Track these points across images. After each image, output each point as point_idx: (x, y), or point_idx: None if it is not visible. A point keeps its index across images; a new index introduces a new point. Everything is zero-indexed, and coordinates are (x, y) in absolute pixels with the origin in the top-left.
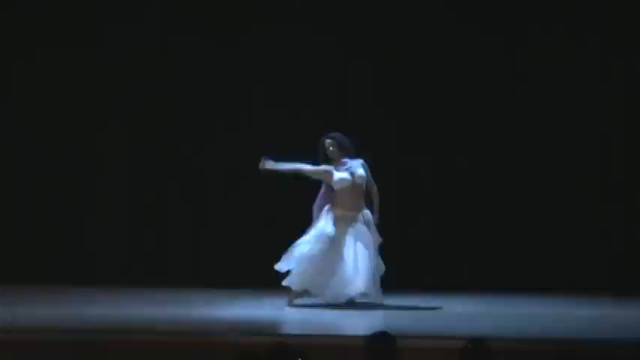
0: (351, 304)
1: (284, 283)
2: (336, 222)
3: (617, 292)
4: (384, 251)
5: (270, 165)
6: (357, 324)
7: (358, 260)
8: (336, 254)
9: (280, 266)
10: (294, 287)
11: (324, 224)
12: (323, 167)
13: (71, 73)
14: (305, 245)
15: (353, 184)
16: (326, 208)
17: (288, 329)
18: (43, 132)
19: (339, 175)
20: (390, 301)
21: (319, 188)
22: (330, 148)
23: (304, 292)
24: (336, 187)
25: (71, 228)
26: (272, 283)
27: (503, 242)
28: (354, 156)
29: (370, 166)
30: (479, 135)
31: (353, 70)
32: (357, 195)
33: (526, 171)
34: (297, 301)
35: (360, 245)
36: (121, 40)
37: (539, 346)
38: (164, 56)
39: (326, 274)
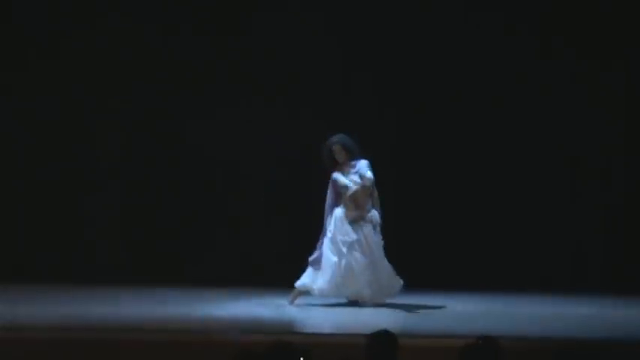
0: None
1: (321, 291)
2: (349, 224)
3: (617, 291)
4: (392, 251)
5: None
6: (359, 322)
7: (376, 264)
8: (357, 260)
9: (322, 288)
10: (316, 290)
11: (343, 231)
12: (333, 181)
13: (70, 69)
14: (330, 254)
15: (362, 186)
16: (337, 211)
17: (290, 328)
18: (43, 129)
19: (348, 179)
20: (393, 299)
21: (326, 187)
22: (338, 153)
23: (306, 291)
24: (344, 191)
25: (71, 226)
26: (273, 281)
27: (503, 242)
28: (359, 157)
29: (373, 166)
30: (479, 135)
31: (353, 68)
32: (364, 196)
33: (526, 171)
34: (299, 299)
35: (374, 248)
36: (120, 31)
37: (539, 344)
38: (165, 51)
39: (359, 278)
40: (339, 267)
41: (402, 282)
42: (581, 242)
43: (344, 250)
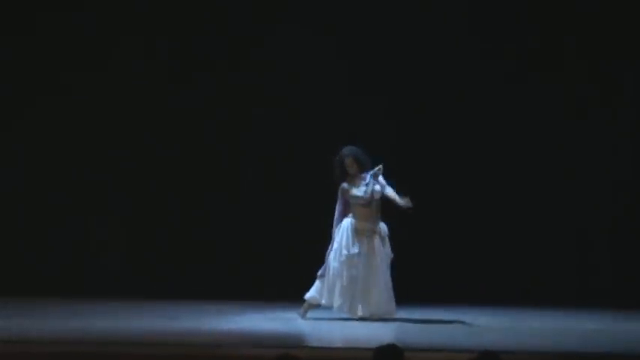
0: (366, 317)
1: (325, 303)
2: (356, 236)
3: (619, 305)
4: (399, 264)
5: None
6: (366, 336)
7: (382, 278)
8: (359, 273)
9: (326, 300)
10: (323, 302)
11: (347, 242)
12: (342, 191)
13: (82, 77)
14: (333, 267)
15: (371, 198)
16: (346, 221)
17: (297, 341)
18: (47, 140)
19: (357, 191)
20: (399, 313)
21: (332, 199)
22: (350, 165)
23: (317, 305)
24: (352, 201)
25: (75, 239)
26: (282, 295)
27: (510, 257)
28: (369, 169)
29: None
30: (487, 150)
31: (353, 73)
32: (374, 209)
33: (532, 188)
34: (310, 313)
35: (378, 262)
36: (130, 43)
37: (543, 357)
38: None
39: (352, 292)
40: (334, 277)
41: (395, 311)
42: (586, 258)
43: (343, 262)
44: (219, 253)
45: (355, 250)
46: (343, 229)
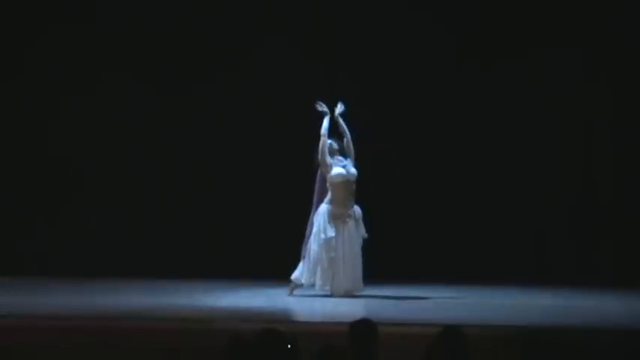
0: (343, 295)
1: (306, 283)
2: (332, 220)
3: (573, 283)
4: (371, 244)
5: (323, 107)
6: (342, 312)
7: (352, 258)
8: (336, 254)
9: (306, 280)
10: (303, 282)
11: (324, 227)
12: (328, 157)
13: (76, 63)
14: (313, 249)
15: (347, 179)
16: (323, 207)
17: (280, 316)
18: (51, 119)
19: (336, 170)
20: (372, 290)
21: (314, 182)
22: (333, 146)
23: (302, 285)
24: (330, 180)
25: (82, 219)
26: (268, 273)
27: (474, 237)
28: (346, 156)
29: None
30: (457, 129)
31: (340, 70)
32: (349, 192)
33: (493, 170)
34: (296, 291)
35: (351, 244)
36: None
37: (509, 332)
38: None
39: (329, 272)
40: (314, 259)
41: (362, 288)
42: (543, 238)
43: (321, 245)
44: (212, 236)
45: (332, 233)
46: (321, 214)
